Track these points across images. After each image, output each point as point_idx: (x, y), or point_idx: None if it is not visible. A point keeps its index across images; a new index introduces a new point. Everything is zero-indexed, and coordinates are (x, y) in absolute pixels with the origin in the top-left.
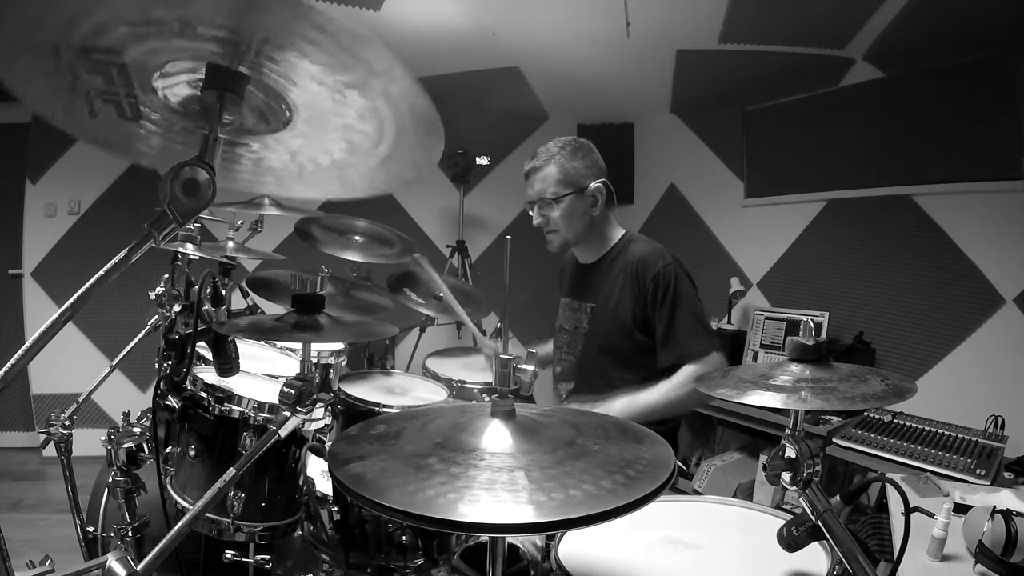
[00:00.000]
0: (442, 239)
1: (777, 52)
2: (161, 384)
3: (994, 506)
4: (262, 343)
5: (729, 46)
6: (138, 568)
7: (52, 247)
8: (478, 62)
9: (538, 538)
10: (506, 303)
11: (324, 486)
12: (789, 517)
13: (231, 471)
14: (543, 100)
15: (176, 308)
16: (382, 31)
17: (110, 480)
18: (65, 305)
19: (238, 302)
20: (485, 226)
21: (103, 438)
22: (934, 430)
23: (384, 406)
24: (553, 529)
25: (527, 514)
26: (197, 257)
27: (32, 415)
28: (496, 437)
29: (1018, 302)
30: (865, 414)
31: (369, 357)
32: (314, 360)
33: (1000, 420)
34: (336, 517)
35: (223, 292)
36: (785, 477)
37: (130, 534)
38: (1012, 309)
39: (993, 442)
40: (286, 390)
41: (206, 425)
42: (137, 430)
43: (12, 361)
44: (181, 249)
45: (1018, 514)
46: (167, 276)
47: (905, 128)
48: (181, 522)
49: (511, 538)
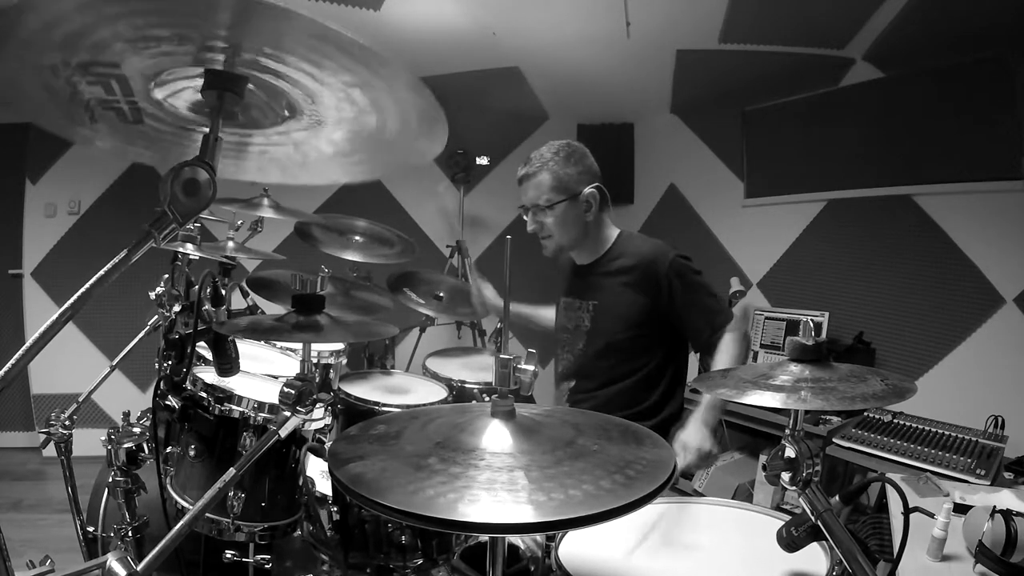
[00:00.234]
0: (442, 239)
1: (777, 52)
2: (161, 384)
3: (994, 506)
4: (262, 343)
5: (729, 46)
6: (138, 568)
7: (52, 247)
8: (478, 62)
9: (539, 536)
10: (506, 303)
11: (324, 486)
12: (788, 517)
13: (231, 471)
14: (543, 100)
15: (176, 308)
16: (382, 31)
17: (110, 480)
18: (65, 305)
19: (238, 302)
20: (485, 226)
21: (103, 438)
22: (934, 430)
23: (384, 406)
24: (553, 529)
25: (527, 514)
26: (197, 257)
27: (32, 415)
28: (496, 437)
29: (1018, 302)
30: (865, 414)
31: (369, 357)
32: (314, 360)
33: (1000, 420)
34: (336, 517)
35: (223, 292)
36: (785, 477)
37: (130, 534)
38: (1012, 309)
39: (993, 442)
40: (286, 390)
41: (206, 425)
42: (137, 430)
43: (12, 361)
44: (181, 249)
45: (1018, 514)
46: (167, 276)
47: (905, 128)
48: (181, 522)
49: (511, 538)
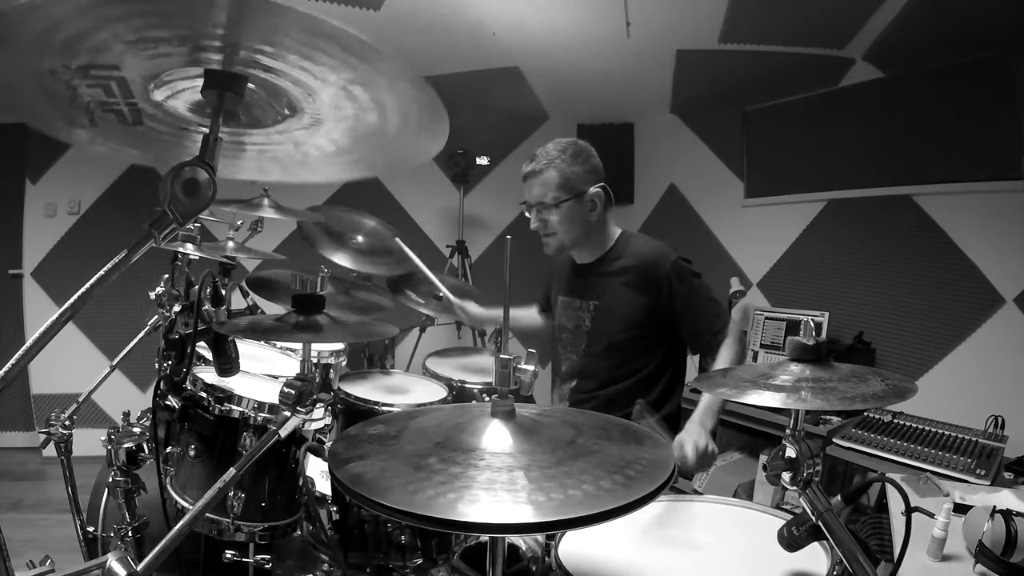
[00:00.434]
0: (442, 239)
1: (777, 52)
2: (161, 384)
3: (994, 506)
4: (262, 343)
5: (729, 46)
6: (138, 568)
7: (52, 247)
8: (478, 62)
9: (541, 536)
10: (506, 303)
11: (324, 486)
12: (789, 517)
13: (231, 471)
14: (543, 100)
15: (176, 308)
16: (382, 31)
17: (110, 480)
18: (65, 305)
19: (238, 302)
20: (485, 226)
21: (103, 438)
22: (934, 430)
23: (384, 405)
24: (552, 529)
25: (526, 514)
26: (197, 257)
27: (32, 415)
28: (496, 437)
29: (1018, 302)
30: (865, 414)
31: (369, 357)
32: (314, 360)
33: (1000, 420)
34: (335, 517)
35: (223, 292)
36: (785, 477)
37: (130, 534)
38: (1012, 309)
39: (993, 442)
40: (286, 390)
41: (206, 425)
42: (137, 430)
43: (12, 361)
44: (181, 249)
45: (1018, 514)
46: (167, 276)
47: (905, 128)
48: (181, 522)
49: (511, 538)
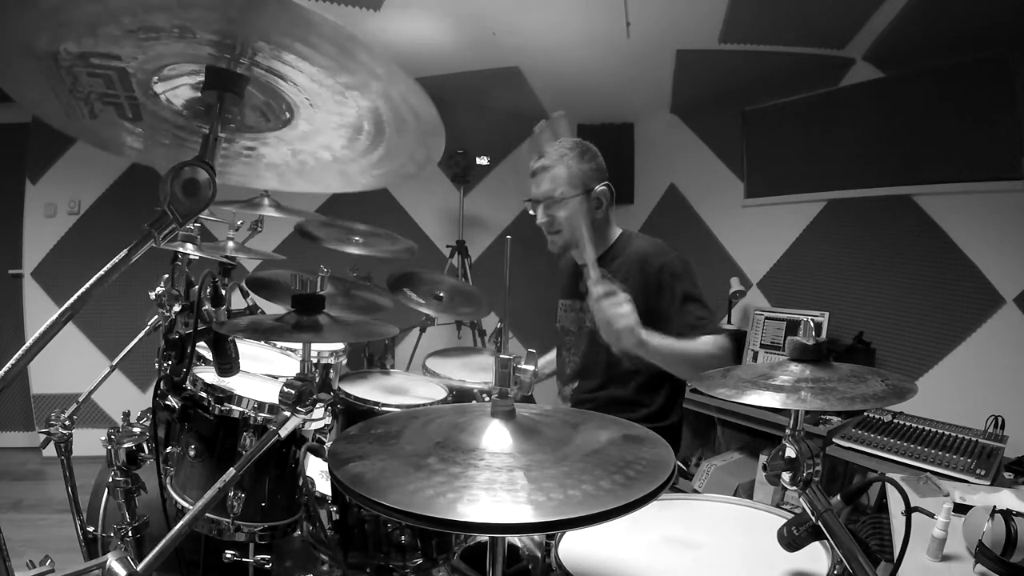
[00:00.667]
0: (442, 239)
1: (777, 52)
2: (161, 384)
3: (994, 506)
4: (262, 343)
5: (729, 46)
6: (138, 568)
7: (52, 247)
8: (478, 62)
9: (537, 536)
10: (506, 303)
11: (324, 486)
12: (789, 517)
13: (231, 471)
14: (543, 100)
15: (176, 308)
16: (382, 31)
17: (110, 480)
18: (65, 305)
19: (238, 302)
20: (485, 226)
21: (103, 438)
22: (934, 430)
23: (384, 405)
24: (552, 529)
25: (526, 514)
26: (197, 257)
27: (32, 415)
28: (496, 437)
29: (1018, 302)
30: (865, 414)
31: (369, 357)
32: (314, 360)
33: (1000, 420)
34: (335, 517)
35: (223, 292)
36: (785, 477)
37: (130, 534)
38: (1012, 309)
39: (993, 442)
40: (286, 390)
41: (206, 425)
42: (137, 430)
43: (12, 361)
44: (181, 249)
45: (1018, 514)
46: (167, 276)
47: (905, 128)
48: (181, 522)
49: (511, 538)
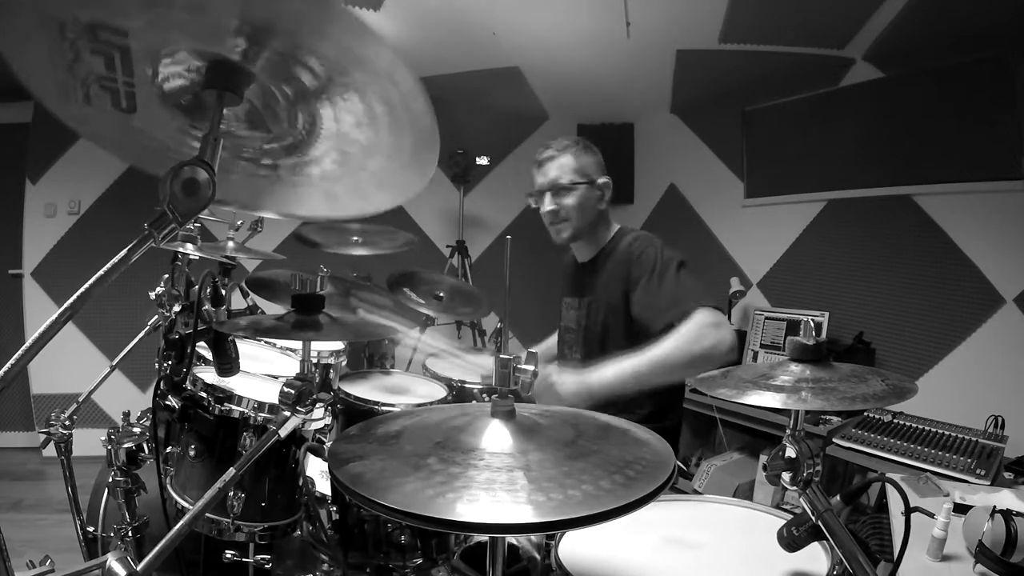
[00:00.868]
0: (442, 239)
1: (777, 52)
2: (161, 384)
3: (994, 506)
4: (262, 343)
5: (729, 46)
6: (138, 568)
7: (52, 247)
8: (478, 62)
9: (535, 536)
10: (506, 303)
11: (324, 486)
12: (789, 517)
13: (231, 471)
14: (543, 100)
15: (176, 308)
16: (382, 31)
17: (110, 480)
18: (65, 305)
19: (238, 302)
20: (485, 226)
21: (103, 438)
22: (934, 430)
23: (384, 405)
24: (552, 529)
25: (526, 514)
26: (197, 257)
27: (32, 415)
28: (496, 437)
29: (1018, 302)
30: (865, 414)
31: (369, 357)
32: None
33: (1000, 420)
34: (335, 517)
35: (223, 292)
36: (785, 477)
37: (130, 534)
38: (1012, 309)
39: (993, 442)
40: (286, 390)
41: (206, 425)
42: (137, 430)
43: (12, 361)
44: (181, 249)
45: (1018, 514)
46: (167, 276)
47: (905, 128)
48: (181, 522)
49: (511, 538)
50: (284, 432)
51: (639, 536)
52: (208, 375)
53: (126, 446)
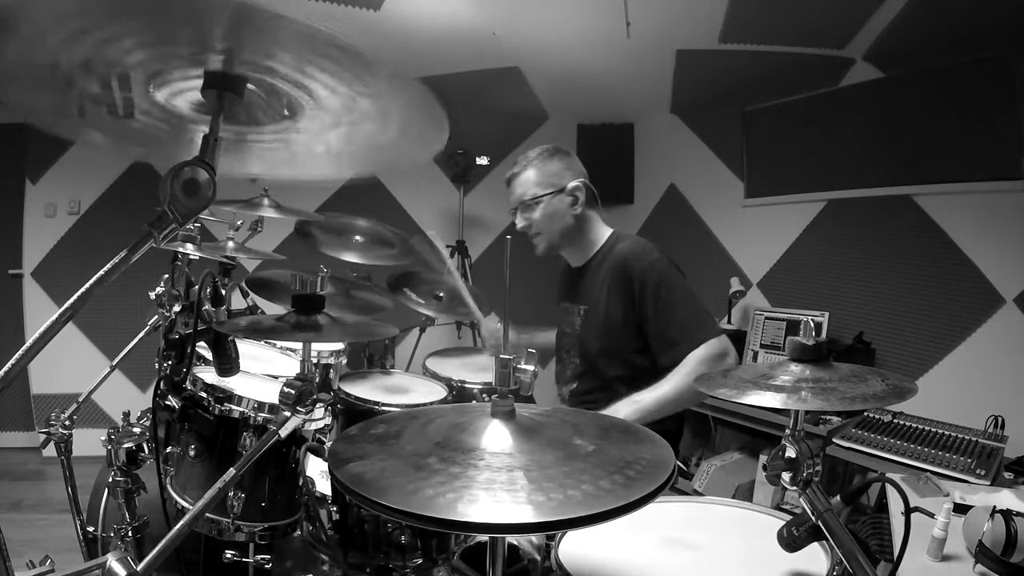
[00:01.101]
0: (442, 239)
1: (777, 52)
2: (161, 384)
3: (994, 506)
4: (262, 343)
5: (729, 46)
6: (138, 568)
7: (52, 247)
8: (478, 62)
9: (535, 537)
10: (506, 303)
11: (324, 486)
12: (788, 518)
13: (231, 471)
14: (543, 100)
15: (176, 308)
16: (382, 31)
17: (110, 480)
18: (65, 305)
19: (238, 302)
20: (485, 226)
21: (103, 438)
22: (934, 430)
23: (384, 405)
24: (552, 529)
25: (526, 514)
26: (197, 257)
27: (32, 415)
28: (496, 437)
29: (1018, 302)
30: (865, 414)
31: (369, 357)
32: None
33: (1000, 420)
34: (335, 517)
35: (223, 292)
36: (785, 477)
37: (130, 534)
38: (1012, 309)
39: (993, 442)
40: (286, 390)
41: (206, 425)
42: (137, 430)
43: (12, 361)
44: (181, 249)
45: (1018, 514)
46: (167, 276)
47: (905, 128)
48: (181, 522)
49: (511, 538)
50: (284, 432)
51: (639, 536)
52: (208, 375)
53: (126, 446)
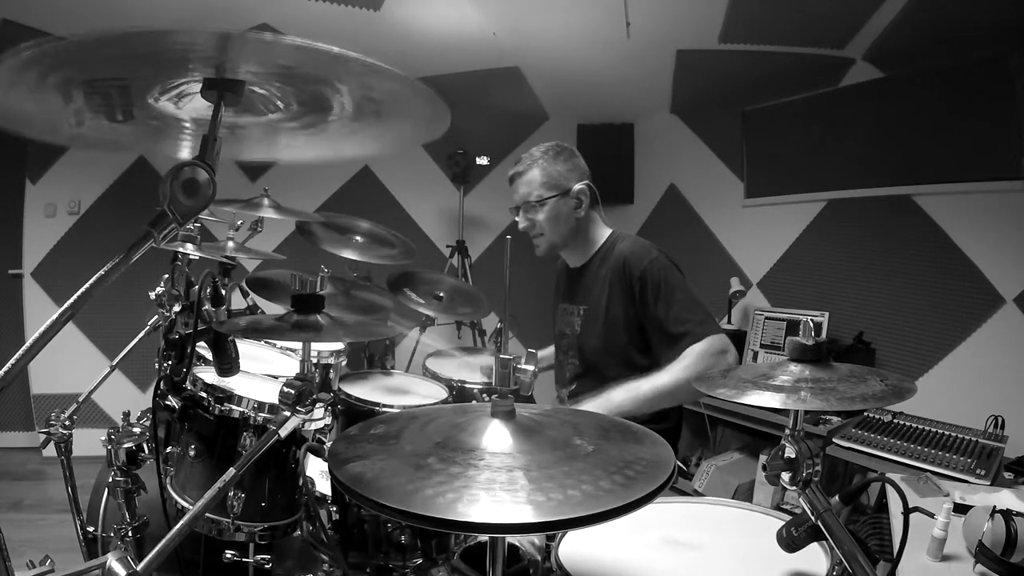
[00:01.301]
0: (442, 239)
1: (777, 52)
2: (161, 384)
3: (994, 506)
4: (262, 343)
5: (729, 46)
6: (138, 568)
7: (52, 247)
8: (478, 62)
9: (536, 538)
10: (506, 303)
11: (324, 486)
12: (788, 518)
13: (231, 471)
14: (543, 100)
15: (176, 308)
16: (382, 31)
17: (110, 480)
18: (65, 305)
19: (238, 302)
20: (485, 226)
21: (103, 438)
22: (934, 430)
23: (384, 406)
24: (552, 529)
25: (526, 514)
26: (197, 257)
27: (32, 415)
28: (496, 437)
29: (1018, 302)
30: (865, 414)
31: (369, 357)
32: (314, 360)
33: (1000, 420)
34: (335, 517)
35: (223, 292)
36: (785, 477)
37: (130, 534)
38: (1012, 309)
39: (993, 442)
40: (286, 390)
41: (206, 425)
42: (137, 430)
43: (12, 361)
44: (181, 249)
45: (1018, 514)
46: (167, 276)
47: (905, 128)
48: (181, 522)
49: (511, 538)
50: (284, 432)
51: (639, 536)
52: (208, 375)
53: (126, 446)
